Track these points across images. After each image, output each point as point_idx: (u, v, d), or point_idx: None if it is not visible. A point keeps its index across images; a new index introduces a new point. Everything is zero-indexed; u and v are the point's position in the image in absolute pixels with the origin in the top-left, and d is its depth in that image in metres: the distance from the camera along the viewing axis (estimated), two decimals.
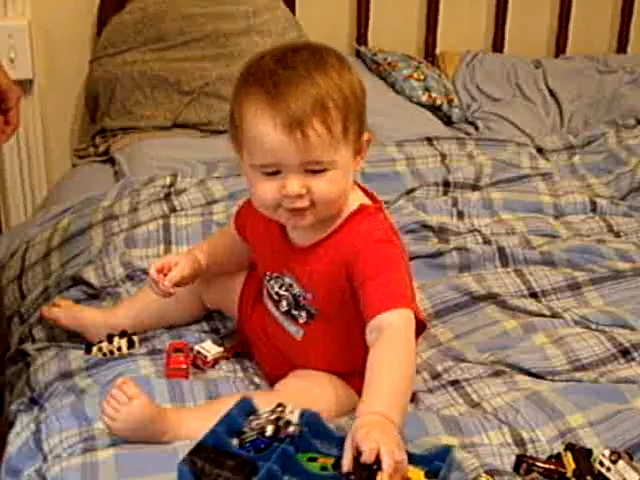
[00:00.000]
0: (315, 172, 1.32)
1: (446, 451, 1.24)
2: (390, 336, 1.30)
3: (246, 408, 1.29)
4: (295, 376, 1.45)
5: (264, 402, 1.31)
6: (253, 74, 1.35)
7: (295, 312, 1.43)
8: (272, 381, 1.49)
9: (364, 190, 1.45)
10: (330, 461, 1.23)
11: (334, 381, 1.43)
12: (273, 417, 1.24)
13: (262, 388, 1.49)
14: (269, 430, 1.23)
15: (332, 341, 1.43)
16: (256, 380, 1.51)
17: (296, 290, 1.42)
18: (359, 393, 1.31)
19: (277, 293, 1.45)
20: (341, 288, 1.38)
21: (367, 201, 1.43)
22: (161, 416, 1.32)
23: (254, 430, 1.24)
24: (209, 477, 1.18)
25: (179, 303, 1.61)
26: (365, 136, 1.39)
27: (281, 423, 1.23)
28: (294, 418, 1.24)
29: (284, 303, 1.44)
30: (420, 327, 1.36)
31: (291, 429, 1.23)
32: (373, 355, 1.29)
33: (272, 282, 1.46)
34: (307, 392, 1.40)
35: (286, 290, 1.44)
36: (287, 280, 1.43)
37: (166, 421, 1.32)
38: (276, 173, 1.33)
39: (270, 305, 1.48)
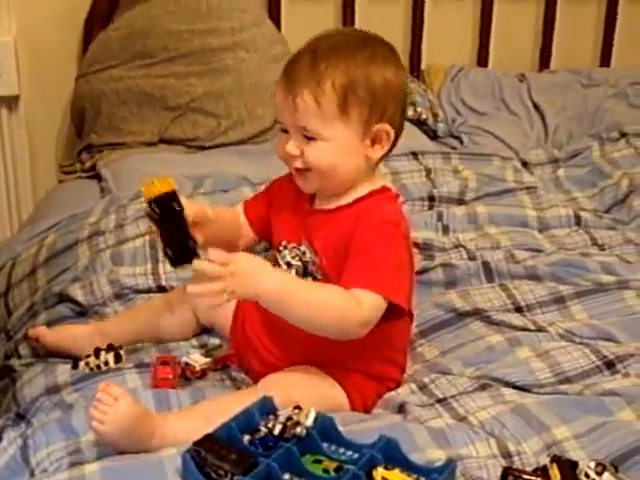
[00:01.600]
0: (309, 138, 1.44)
1: (447, 466, 1.25)
2: (351, 302, 1.38)
3: (266, 406, 1.34)
4: (282, 373, 1.48)
5: (239, 403, 1.34)
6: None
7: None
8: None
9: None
10: (333, 465, 1.26)
11: (317, 380, 1.47)
12: (285, 417, 1.29)
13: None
14: (277, 429, 1.28)
15: None
16: (243, 388, 1.52)
17: (308, 257, 1.49)
18: (347, 391, 1.46)
19: (288, 262, 1.51)
20: (341, 255, 1.45)
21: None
22: (148, 417, 1.33)
23: (266, 428, 1.29)
24: (210, 467, 1.22)
25: (174, 318, 1.63)
26: (381, 126, 1.45)
27: (289, 423, 1.28)
28: (307, 420, 1.28)
29: (292, 272, 1.50)
30: (400, 314, 1.46)
31: (298, 429, 1.27)
32: (335, 287, 1.41)
33: (286, 252, 1.52)
34: (285, 392, 1.41)
35: (298, 260, 1.50)
36: (302, 249, 1.50)
37: (153, 422, 1.33)
38: (286, 131, 1.46)
39: None
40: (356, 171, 1.48)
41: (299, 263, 1.51)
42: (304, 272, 1.50)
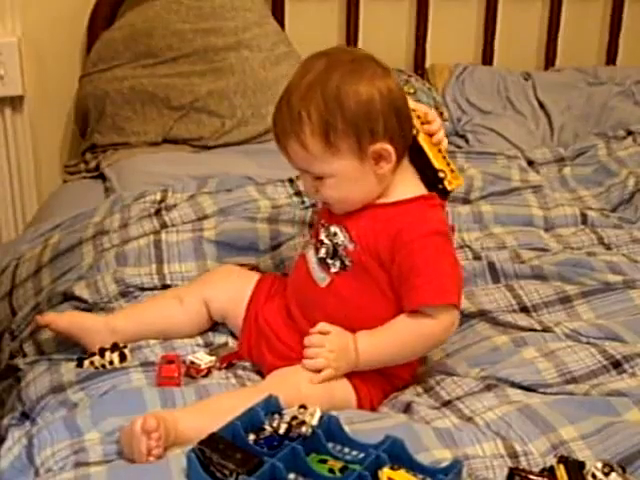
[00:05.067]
0: (317, 178, 1.47)
1: (453, 466, 1.25)
2: (426, 321, 1.46)
3: (271, 405, 1.34)
4: (292, 367, 1.49)
5: (250, 396, 1.36)
6: None
7: (330, 260, 1.52)
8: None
9: None
10: (339, 465, 1.26)
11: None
12: (290, 417, 1.29)
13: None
14: (282, 428, 1.28)
15: (352, 298, 1.51)
16: (248, 385, 1.52)
17: (340, 239, 1.51)
18: (355, 386, 1.48)
19: (321, 240, 1.53)
20: (380, 252, 1.47)
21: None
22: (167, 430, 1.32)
23: (271, 428, 1.29)
24: (215, 467, 1.22)
25: (185, 312, 1.64)
26: (376, 147, 1.44)
27: (294, 423, 1.28)
28: (312, 420, 1.28)
29: (323, 250, 1.52)
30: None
31: (303, 429, 1.27)
32: (400, 318, 1.48)
33: (322, 229, 1.54)
34: (294, 386, 1.43)
35: (329, 239, 1.52)
36: (332, 229, 1.52)
37: (168, 430, 1.32)
38: None
39: (312, 253, 1.55)
40: (376, 187, 1.49)
41: (329, 242, 1.52)
42: (333, 253, 1.52)
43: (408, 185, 1.51)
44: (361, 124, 1.42)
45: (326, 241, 1.53)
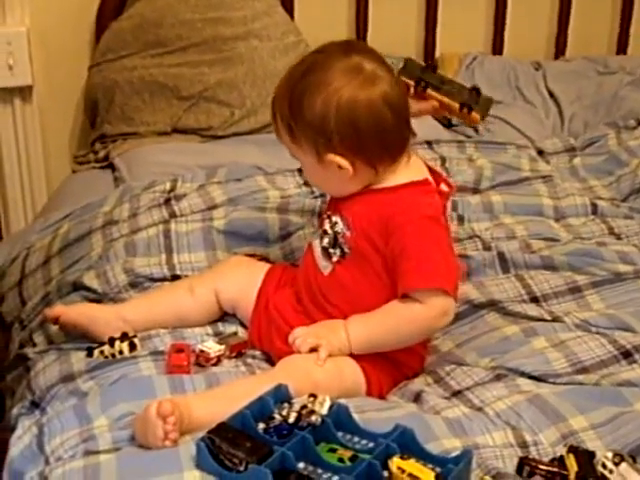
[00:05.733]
0: None
1: (463, 456, 1.25)
2: (416, 306, 1.46)
3: (281, 394, 1.34)
4: (297, 355, 1.49)
5: (262, 382, 1.37)
6: None
7: (332, 250, 1.54)
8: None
9: (435, 173, 1.57)
10: (348, 454, 1.26)
11: (339, 361, 1.49)
12: (300, 405, 1.29)
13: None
14: (292, 417, 1.28)
15: (353, 285, 1.53)
16: (258, 373, 1.52)
17: (339, 228, 1.52)
18: (365, 372, 1.49)
19: (325, 230, 1.55)
20: (374, 237, 1.49)
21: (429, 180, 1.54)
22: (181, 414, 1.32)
23: (281, 417, 1.29)
24: (225, 455, 1.22)
25: (195, 301, 1.64)
26: (330, 157, 1.45)
27: (304, 412, 1.28)
28: (322, 409, 1.28)
29: (326, 240, 1.55)
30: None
31: (313, 418, 1.28)
32: (391, 303, 1.49)
33: (326, 220, 1.56)
34: (305, 371, 1.44)
35: (331, 228, 1.54)
36: (334, 219, 1.54)
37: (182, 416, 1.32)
38: None
39: (317, 242, 1.57)
40: (348, 186, 1.50)
41: (331, 231, 1.54)
42: (334, 242, 1.53)
43: (404, 172, 1.51)
44: (315, 135, 1.45)
45: (329, 231, 1.54)
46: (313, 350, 1.47)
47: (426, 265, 1.46)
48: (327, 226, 1.55)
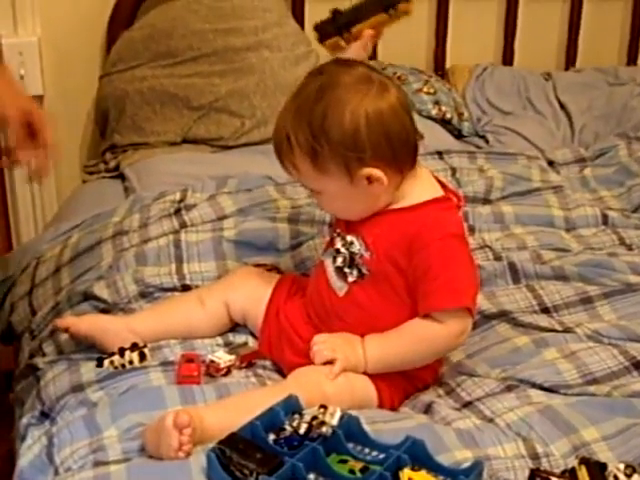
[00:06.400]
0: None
1: (474, 468, 1.24)
2: (435, 326, 1.45)
3: (291, 405, 1.33)
4: (308, 367, 1.49)
5: (274, 393, 1.37)
6: None
7: (347, 270, 1.51)
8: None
9: (445, 187, 1.55)
10: (359, 465, 1.26)
11: (350, 374, 1.48)
12: (310, 417, 1.29)
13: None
14: (302, 428, 1.28)
15: (370, 306, 1.51)
16: (269, 384, 1.52)
17: (356, 248, 1.50)
18: (377, 386, 1.48)
19: (337, 249, 1.53)
20: (397, 257, 1.47)
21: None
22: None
23: (291, 427, 1.29)
24: (235, 466, 1.22)
25: (205, 313, 1.64)
26: (365, 171, 1.43)
27: (315, 423, 1.28)
28: (333, 420, 1.28)
29: (340, 259, 1.52)
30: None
31: (324, 429, 1.27)
32: (410, 322, 1.47)
33: (338, 239, 1.54)
34: (316, 384, 1.44)
35: (346, 248, 1.51)
36: (348, 239, 1.51)
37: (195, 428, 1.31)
38: None
39: (329, 261, 1.54)
40: (374, 203, 1.49)
41: (345, 251, 1.52)
42: (350, 262, 1.51)
43: (422, 188, 1.50)
44: (347, 152, 1.42)
45: (342, 250, 1.52)
46: (328, 362, 1.46)
47: (451, 285, 1.45)
48: (339, 245, 1.53)
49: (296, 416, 1.30)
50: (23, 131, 1.60)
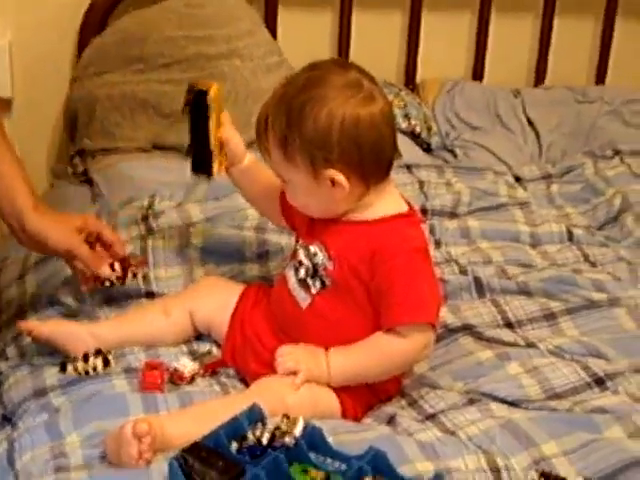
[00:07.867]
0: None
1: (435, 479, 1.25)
2: (399, 340, 1.46)
3: (255, 415, 1.33)
4: (277, 376, 1.49)
5: (236, 402, 1.37)
6: None
7: (310, 281, 1.51)
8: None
9: (408, 202, 1.55)
10: (321, 475, 1.26)
11: (313, 385, 1.48)
12: (273, 426, 1.29)
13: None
14: (265, 438, 1.28)
15: (334, 317, 1.51)
16: (232, 393, 1.52)
17: (319, 259, 1.50)
18: (340, 397, 1.49)
19: (300, 261, 1.53)
20: (360, 270, 1.47)
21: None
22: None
23: (254, 437, 1.28)
24: (198, 475, 1.22)
25: (169, 322, 1.64)
26: (329, 172, 1.43)
27: (277, 433, 1.28)
28: (295, 430, 1.28)
29: (302, 271, 1.52)
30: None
31: (287, 439, 1.27)
32: (373, 336, 1.48)
33: (300, 250, 1.54)
34: (279, 394, 1.44)
35: (309, 259, 1.51)
36: (312, 249, 1.51)
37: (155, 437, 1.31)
38: None
39: (291, 273, 1.55)
40: (337, 206, 1.49)
41: (308, 262, 1.52)
42: (313, 273, 1.51)
43: (388, 202, 1.51)
44: (315, 150, 1.43)
45: (305, 261, 1.52)
46: (291, 373, 1.47)
47: (414, 300, 1.46)
48: (302, 256, 1.53)
49: (259, 425, 1.30)
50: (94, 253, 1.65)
